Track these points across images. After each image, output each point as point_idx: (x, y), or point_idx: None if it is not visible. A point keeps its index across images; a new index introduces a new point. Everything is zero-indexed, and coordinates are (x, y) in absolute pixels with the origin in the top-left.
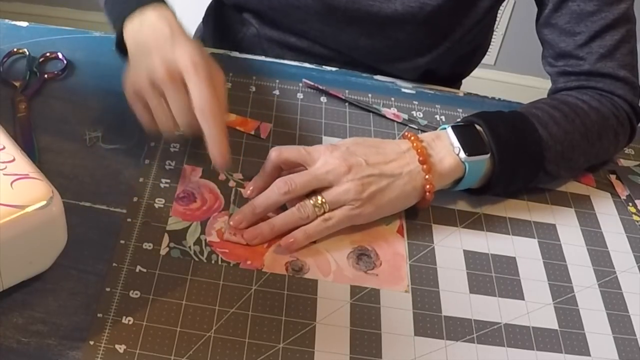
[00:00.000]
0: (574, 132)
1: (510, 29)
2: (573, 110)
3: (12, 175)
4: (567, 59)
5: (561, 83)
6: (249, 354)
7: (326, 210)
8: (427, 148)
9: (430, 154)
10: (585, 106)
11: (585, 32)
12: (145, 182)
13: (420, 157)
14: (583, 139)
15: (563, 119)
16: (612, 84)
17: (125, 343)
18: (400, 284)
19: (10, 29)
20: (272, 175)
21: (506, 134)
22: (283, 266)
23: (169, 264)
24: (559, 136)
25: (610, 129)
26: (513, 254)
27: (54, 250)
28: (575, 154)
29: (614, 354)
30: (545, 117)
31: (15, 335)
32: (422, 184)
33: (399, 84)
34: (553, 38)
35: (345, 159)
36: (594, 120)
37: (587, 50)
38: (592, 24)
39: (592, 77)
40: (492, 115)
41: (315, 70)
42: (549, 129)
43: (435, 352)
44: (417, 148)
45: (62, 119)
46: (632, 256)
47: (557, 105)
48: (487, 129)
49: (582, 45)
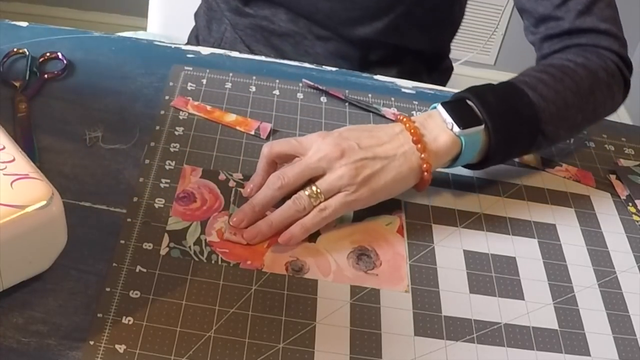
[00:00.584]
0: (564, 90)
1: (510, 29)
2: (560, 70)
3: (12, 175)
4: (546, 23)
5: (545, 49)
6: (249, 354)
7: (322, 200)
8: (419, 128)
9: (424, 133)
10: (571, 64)
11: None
12: (145, 182)
13: (413, 137)
14: (575, 96)
15: (551, 80)
16: (595, 37)
17: (125, 343)
18: (400, 284)
19: (10, 29)
20: (267, 171)
21: (497, 103)
22: (283, 266)
23: (169, 264)
24: (550, 97)
25: (601, 82)
26: (513, 254)
27: (54, 250)
28: (571, 111)
29: (614, 354)
30: (533, 81)
31: (15, 335)
32: (418, 164)
33: (399, 84)
34: (531, 4)
35: (337, 144)
36: (582, 76)
37: (565, 9)
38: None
39: (574, 34)
40: (481, 87)
41: (315, 70)
42: (538, 91)
43: (435, 352)
44: (410, 129)
45: (62, 119)
46: (632, 256)
47: (544, 69)
48: (477, 101)
49: (559, 5)
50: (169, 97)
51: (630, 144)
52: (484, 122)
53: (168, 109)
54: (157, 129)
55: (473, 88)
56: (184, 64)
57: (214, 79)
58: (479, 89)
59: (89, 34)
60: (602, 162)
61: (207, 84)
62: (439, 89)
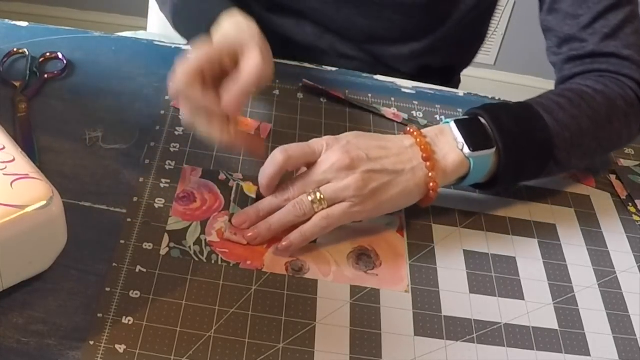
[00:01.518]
0: (581, 116)
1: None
2: (578, 95)
3: (12, 175)
4: (571, 44)
5: (566, 71)
6: (249, 354)
7: (324, 207)
8: (430, 144)
9: (434, 150)
10: (589, 90)
11: (588, 14)
12: (145, 182)
13: (423, 153)
14: (592, 123)
15: (569, 105)
16: (618, 63)
17: (125, 343)
18: (400, 284)
19: (10, 29)
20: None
21: (510, 124)
22: (283, 266)
23: (169, 264)
24: (566, 122)
25: (619, 110)
26: (513, 254)
27: (54, 250)
28: (586, 139)
29: (614, 354)
30: (550, 104)
31: (15, 335)
32: (425, 182)
33: (399, 84)
34: (557, 23)
35: (346, 152)
36: (600, 102)
37: (591, 31)
38: (595, 5)
39: (597, 58)
40: (496, 106)
41: (315, 70)
42: (554, 115)
43: (435, 352)
44: (420, 144)
45: (62, 119)
46: (632, 256)
47: (562, 93)
48: (491, 121)
49: (585, 26)
50: (169, 97)
51: (630, 144)
52: (495, 144)
53: (168, 109)
54: (157, 129)
55: (487, 106)
56: None
57: None
58: (494, 107)
59: (89, 34)
60: (602, 162)
61: None
62: (439, 89)
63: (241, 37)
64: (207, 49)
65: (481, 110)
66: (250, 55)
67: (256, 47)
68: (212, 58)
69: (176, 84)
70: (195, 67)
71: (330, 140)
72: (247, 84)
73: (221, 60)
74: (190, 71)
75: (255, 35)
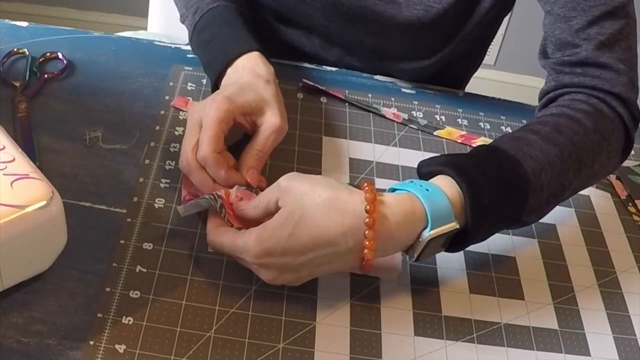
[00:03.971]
0: (565, 172)
1: (510, 29)
2: (569, 141)
3: (12, 175)
4: (563, 50)
5: (553, 80)
6: (249, 354)
7: None
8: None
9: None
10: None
11: (582, 17)
12: (145, 182)
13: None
14: (575, 176)
15: (559, 162)
16: (612, 79)
17: (125, 343)
18: (393, 271)
19: (10, 29)
20: None
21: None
22: None
23: (169, 264)
24: (546, 182)
25: (602, 151)
26: (513, 254)
27: (54, 250)
28: (566, 193)
29: (614, 354)
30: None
31: (15, 335)
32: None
33: (399, 84)
34: (549, 27)
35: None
36: (589, 148)
37: (584, 36)
38: (590, 9)
39: (590, 67)
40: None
41: (315, 70)
42: (541, 179)
43: (435, 352)
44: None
45: (62, 119)
46: (632, 256)
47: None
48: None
49: (578, 30)
50: (169, 97)
51: None
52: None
53: (168, 109)
54: (157, 129)
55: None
56: (184, 64)
57: None
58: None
59: (89, 34)
60: None
61: (207, 84)
62: (439, 89)
63: (258, 96)
64: (224, 109)
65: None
66: (268, 118)
67: (274, 108)
68: (230, 119)
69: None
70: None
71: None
72: (265, 148)
73: (235, 118)
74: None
75: (272, 92)
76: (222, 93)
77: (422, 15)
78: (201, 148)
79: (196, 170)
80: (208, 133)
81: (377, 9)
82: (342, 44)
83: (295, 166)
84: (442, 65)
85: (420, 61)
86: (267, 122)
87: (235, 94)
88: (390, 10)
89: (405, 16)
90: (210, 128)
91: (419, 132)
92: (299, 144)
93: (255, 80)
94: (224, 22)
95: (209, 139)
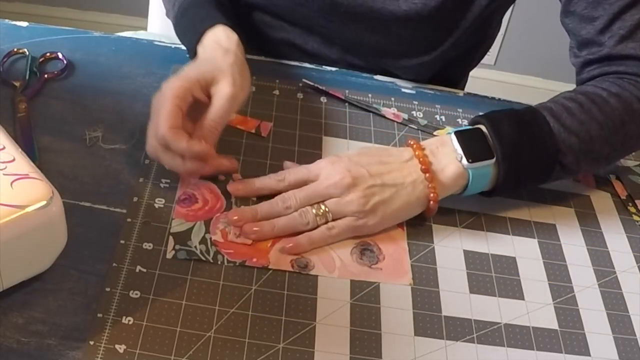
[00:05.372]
0: (590, 122)
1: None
2: (590, 99)
3: (12, 175)
4: (589, 47)
5: (584, 74)
6: (249, 354)
7: (329, 220)
8: (428, 156)
9: (432, 161)
10: (604, 93)
11: (604, 16)
12: (145, 182)
13: (422, 165)
14: (602, 129)
15: (579, 110)
16: (635, 65)
17: (125, 343)
18: (405, 276)
19: (10, 29)
20: None
21: (511, 132)
22: (288, 263)
23: (169, 264)
24: (573, 127)
25: (635, 114)
26: (513, 254)
27: (54, 250)
28: (596, 144)
29: (614, 354)
30: (558, 109)
31: (15, 335)
32: (425, 194)
33: (399, 84)
34: (574, 26)
35: (347, 171)
36: (614, 107)
37: (608, 34)
38: (610, 7)
39: (614, 61)
40: (499, 114)
41: (315, 70)
42: (561, 120)
43: (435, 352)
44: (419, 157)
45: (62, 119)
46: (632, 256)
47: (574, 97)
48: (491, 130)
49: (602, 29)
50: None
51: None
52: (494, 153)
53: None
54: None
55: (491, 114)
56: (184, 64)
57: None
58: (497, 116)
59: (89, 34)
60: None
61: None
62: (439, 89)
63: (213, 66)
64: (177, 86)
65: (484, 118)
66: (220, 87)
67: (227, 77)
68: (185, 95)
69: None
70: (174, 111)
71: (332, 160)
72: (217, 118)
73: (193, 93)
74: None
75: (229, 60)
76: (178, 74)
77: (420, 8)
78: (158, 128)
79: (162, 153)
80: (162, 112)
81: (375, 5)
82: (342, 42)
83: None
84: (443, 60)
85: (421, 57)
86: (219, 91)
87: (190, 69)
88: (388, 6)
89: (404, 10)
90: (164, 107)
91: (419, 132)
92: (299, 144)
93: (215, 52)
94: (197, 6)
95: (164, 116)
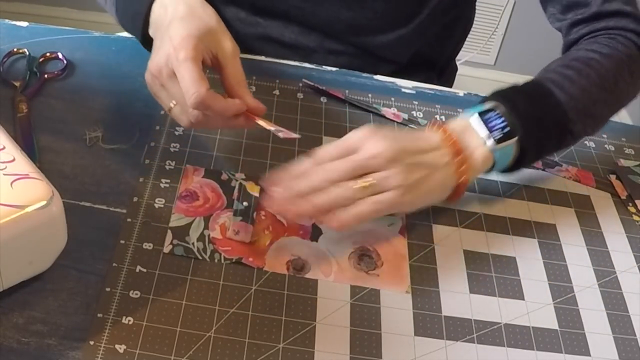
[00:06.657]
0: (590, 86)
1: (510, 29)
2: (585, 64)
3: (12, 175)
4: (575, 9)
5: (573, 34)
6: (249, 354)
7: (369, 194)
8: (459, 141)
9: (462, 147)
10: (596, 56)
11: None
12: (145, 182)
13: (453, 149)
14: (601, 91)
15: (577, 76)
16: (621, 20)
17: (125, 343)
18: (402, 284)
19: (10, 29)
20: None
21: (527, 108)
22: (284, 265)
23: (169, 264)
24: (577, 95)
25: (624, 70)
26: (513, 254)
27: (54, 250)
28: (597, 107)
29: (614, 354)
30: (559, 79)
31: (15, 335)
32: (456, 178)
33: (399, 84)
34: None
35: (390, 144)
36: (607, 68)
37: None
38: None
39: (602, 18)
40: (509, 91)
41: (315, 70)
42: (565, 89)
43: (435, 352)
44: (449, 140)
45: (62, 119)
46: (632, 256)
47: (569, 64)
48: (510, 109)
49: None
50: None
51: (630, 144)
52: (516, 132)
53: None
54: (157, 129)
55: (502, 92)
56: None
57: (214, 79)
58: (508, 93)
59: (89, 34)
60: (602, 162)
61: None
62: (439, 89)
63: (206, 25)
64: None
65: (497, 96)
66: (225, 45)
67: (224, 31)
68: (201, 58)
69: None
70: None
71: (370, 131)
72: (242, 74)
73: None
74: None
75: (211, 10)
76: (174, 33)
77: None
78: (190, 96)
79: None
80: (188, 77)
81: None
82: (319, 25)
83: None
84: (421, 35)
85: (397, 30)
86: (226, 49)
87: (191, 28)
88: None
89: None
90: (189, 70)
91: None
92: (299, 144)
93: (192, 8)
94: None
95: (193, 81)
